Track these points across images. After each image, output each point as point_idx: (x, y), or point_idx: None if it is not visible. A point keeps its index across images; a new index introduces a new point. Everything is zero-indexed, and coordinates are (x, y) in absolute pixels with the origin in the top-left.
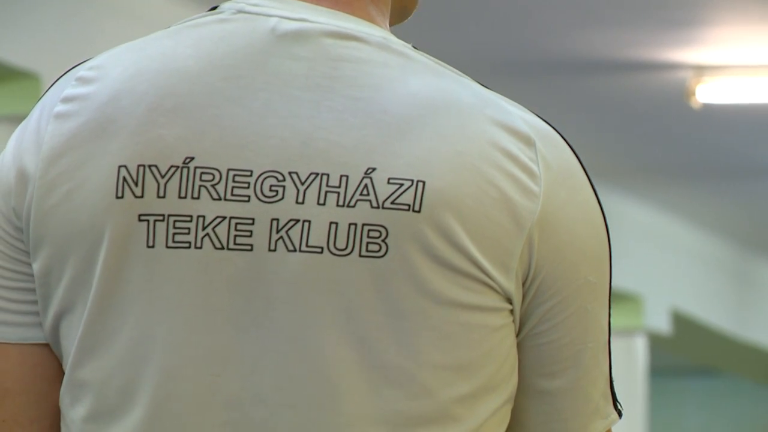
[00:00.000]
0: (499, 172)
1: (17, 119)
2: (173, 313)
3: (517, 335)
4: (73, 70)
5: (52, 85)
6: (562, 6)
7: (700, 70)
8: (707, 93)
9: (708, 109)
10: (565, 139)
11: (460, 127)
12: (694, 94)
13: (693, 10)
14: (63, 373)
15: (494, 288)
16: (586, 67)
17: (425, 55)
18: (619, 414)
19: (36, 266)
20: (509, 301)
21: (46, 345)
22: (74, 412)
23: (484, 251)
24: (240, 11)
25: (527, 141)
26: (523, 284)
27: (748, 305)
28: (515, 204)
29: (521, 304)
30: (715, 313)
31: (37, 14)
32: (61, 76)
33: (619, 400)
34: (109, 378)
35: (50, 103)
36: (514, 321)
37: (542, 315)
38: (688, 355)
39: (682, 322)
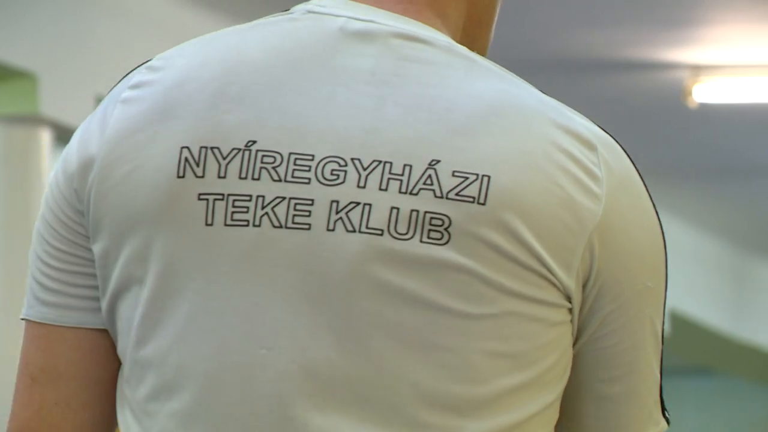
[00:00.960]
0: (563, 173)
1: (14, 119)
2: (229, 289)
3: (578, 340)
4: (144, 63)
5: (123, 78)
6: (558, 5)
7: (697, 69)
8: (704, 93)
9: (704, 108)
10: (623, 149)
11: (525, 128)
12: (690, 93)
13: (690, 10)
14: (116, 360)
15: (555, 284)
16: (582, 66)
17: (488, 60)
18: (668, 421)
19: (96, 247)
20: (569, 299)
21: (102, 331)
22: (138, 393)
23: (547, 247)
24: (309, 11)
25: (590, 145)
26: (584, 287)
27: (745, 305)
28: (578, 204)
29: (582, 308)
30: (713, 313)
31: (35, 14)
32: (132, 69)
33: (666, 407)
34: (167, 354)
35: (118, 91)
36: (572, 321)
37: (603, 319)
38: (686, 355)
39: (679, 322)
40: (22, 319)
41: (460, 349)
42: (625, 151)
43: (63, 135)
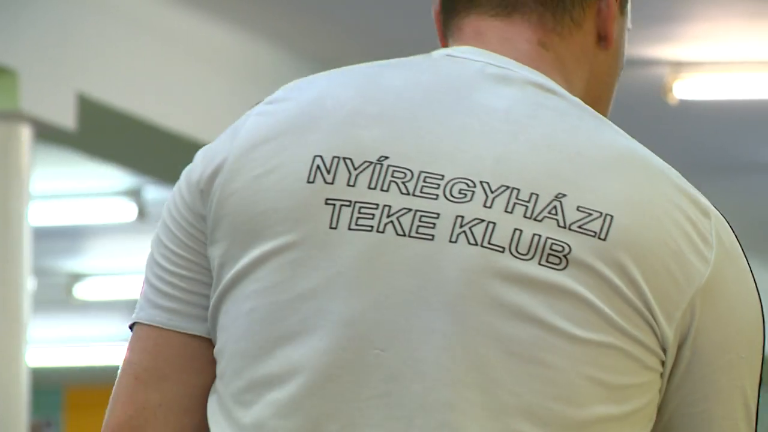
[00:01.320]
0: (679, 230)
1: None
2: (346, 289)
3: (670, 403)
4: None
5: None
6: None
7: (678, 66)
8: (685, 89)
9: (685, 105)
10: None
11: (649, 182)
12: (671, 90)
13: (670, 6)
14: (213, 370)
15: (655, 330)
16: None
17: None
18: None
19: (214, 249)
20: (664, 350)
21: (205, 340)
22: (233, 385)
23: (654, 293)
24: (448, 55)
25: (705, 213)
26: (680, 346)
27: None
28: (689, 262)
29: (675, 367)
30: None
31: (16, 10)
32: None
33: None
34: (273, 347)
35: (254, 108)
36: (662, 375)
37: (695, 383)
38: None
39: None
40: (132, 324)
41: (563, 369)
42: (733, 231)
43: (43, 132)
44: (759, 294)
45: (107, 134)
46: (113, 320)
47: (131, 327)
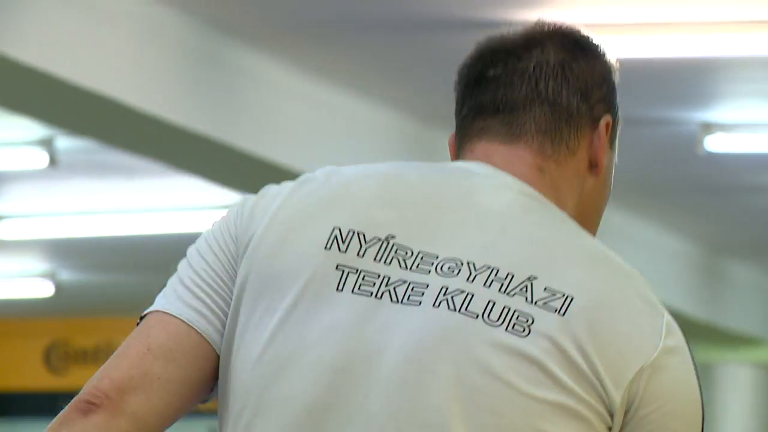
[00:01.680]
0: (631, 320)
1: None
2: (341, 343)
3: None
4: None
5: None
6: None
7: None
8: None
9: None
10: (683, 333)
11: (613, 279)
12: None
13: None
14: (215, 381)
15: (602, 396)
16: (443, 25)
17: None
18: None
19: (236, 291)
20: (611, 415)
21: (216, 353)
22: (243, 419)
23: (604, 364)
24: (458, 167)
25: (659, 314)
26: (626, 413)
27: None
28: (638, 343)
29: (620, 430)
30: None
31: None
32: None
33: None
34: (278, 385)
35: (296, 181)
36: None
37: None
38: None
39: None
40: (157, 310)
41: (515, 421)
42: (684, 336)
43: None
44: (700, 387)
45: (20, 89)
46: (28, 258)
47: (142, 317)
